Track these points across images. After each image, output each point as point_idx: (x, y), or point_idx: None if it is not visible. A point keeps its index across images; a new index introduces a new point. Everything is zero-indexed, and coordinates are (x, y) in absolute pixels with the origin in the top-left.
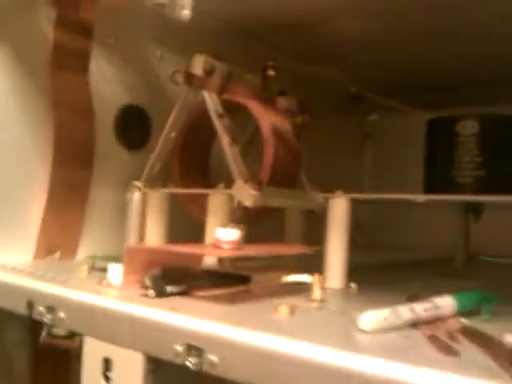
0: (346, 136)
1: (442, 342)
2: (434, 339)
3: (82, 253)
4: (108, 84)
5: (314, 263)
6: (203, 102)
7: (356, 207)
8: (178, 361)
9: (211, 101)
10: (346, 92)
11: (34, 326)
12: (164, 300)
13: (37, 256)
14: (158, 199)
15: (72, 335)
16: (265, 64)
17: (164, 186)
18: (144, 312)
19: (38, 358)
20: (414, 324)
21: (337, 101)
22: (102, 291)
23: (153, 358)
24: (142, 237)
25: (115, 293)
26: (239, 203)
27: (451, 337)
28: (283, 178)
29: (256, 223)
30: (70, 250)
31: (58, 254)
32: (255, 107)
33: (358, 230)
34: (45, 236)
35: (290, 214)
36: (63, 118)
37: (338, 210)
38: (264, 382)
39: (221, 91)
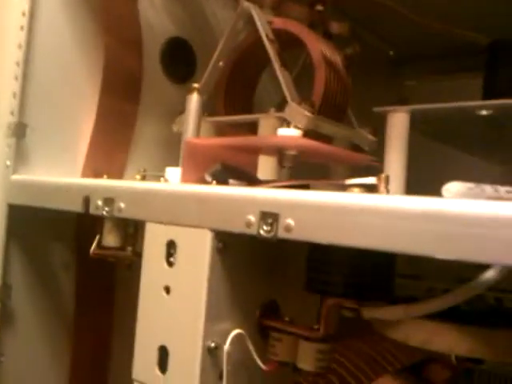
0: (383, 102)
1: None
2: None
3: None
4: (156, 15)
5: None
6: (252, 33)
7: None
8: (251, 231)
9: (262, 25)
10: (383, 56)
11: (79, 248)
12: None
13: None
14: (204, 130)
15: (122, 246)
16: None
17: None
18: (212, 189)
19: (83, 281)
20: None
21: (374, 65)
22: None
23: (221, 235)
24: None
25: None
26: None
27: None
28: (333, 108)
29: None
30: (115, 176)
31: (104, 178)
32: (306, 34)
33: None
34: (91, 160)
35: None
36: (113, 45)
37: (398, 124)
38: (342, 240)
39: (275, 6)
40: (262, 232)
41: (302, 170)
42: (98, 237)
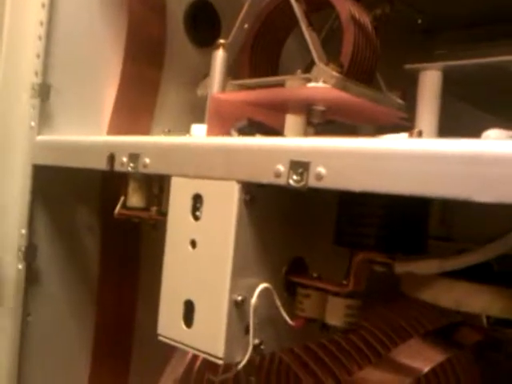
0: None
1: None
2: None
3: None
4: None
5: None
6: None
7: None
8: (280, 181)
9: None
10: (412, 25)
11: (103, 209)
12: None
13: None
14: None
15: (146, 206)
16: None
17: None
18: (240, 140)
19: (108, 242)
20: None
21: (403, 34)
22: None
23: (248, 186)
24: None
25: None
26: None
27: None
28: (361, 70)
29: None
30: None
31: None
32: None
33: None
34: (115, 124)
35: None
36: (137, 9)
37: (430, 82)
38: (376, 186)
39: None
40: (291, 182)
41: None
42: (122, 198)
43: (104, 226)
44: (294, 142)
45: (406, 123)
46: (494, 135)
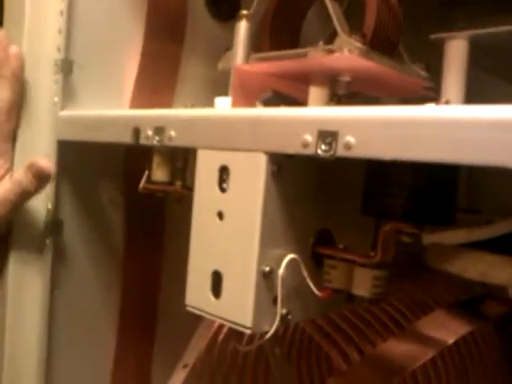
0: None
1: None
2: None
3: None
4: None
5: None
6: None
7: None
8: (308, 151)
9: None
10: None
11: (128, 184)
12: None
13: None
14: None
15: (171, 180)
16: None
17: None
18: (266, 111)
19: (133, 217)
20: None
21: (424, 7)
22: None
23: (275, 157)
24: None
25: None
26: None
27: None
28: (384, 41)
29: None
30: None
31: None
32: None
33: None
34: (138, 99)
35: None
36: None
37: (456, 52)
38: (406, 154)
39: None
40: (319, 152)
41: None
42: (146, 172)
43: (129, 200)
44: (322, 111)
45: (432, 94)
46: None
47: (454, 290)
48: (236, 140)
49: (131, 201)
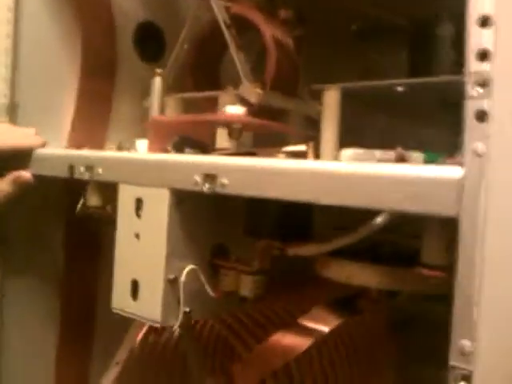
0: (349, 73)
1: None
2: None
3: None
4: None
5: None
6: (212, 18)
7: None
8: (197, 188)
9: (220, 12)
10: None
11: (68, 210)
12: None
13: None
14: (173, 106)
15: (103, 205)
16: None
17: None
18: (169, 156)
19: (71, 237)
20: None
21: (339, 40)
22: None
23: (176, 192)
24: None
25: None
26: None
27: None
28: (284, 85)
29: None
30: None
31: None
32: (259, 19)
33: None
34: (74, 136)
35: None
36: (89, 33)
37: (330, 100)
38: (263, 193)
39: None
40: (204, 189)
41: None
42: (82, 199)
43: (69, 223)
44: (206, 159)
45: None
46: (347, 153)
47: (332, 291)
48: (148, 178)
49: (71, 224)
